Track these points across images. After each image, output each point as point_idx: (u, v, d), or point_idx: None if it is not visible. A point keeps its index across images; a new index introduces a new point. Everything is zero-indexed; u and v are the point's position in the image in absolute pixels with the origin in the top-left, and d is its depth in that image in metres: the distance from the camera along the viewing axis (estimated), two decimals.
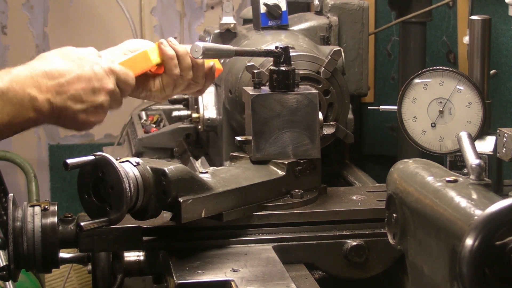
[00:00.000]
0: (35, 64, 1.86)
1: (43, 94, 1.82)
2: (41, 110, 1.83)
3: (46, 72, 1.84)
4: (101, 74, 1.89)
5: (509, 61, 2.58)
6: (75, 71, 1.86)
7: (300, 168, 2.01)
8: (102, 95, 1.89)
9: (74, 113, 1.87)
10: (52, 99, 1.83)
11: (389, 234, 1.64)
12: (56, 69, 1.85)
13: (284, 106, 1.98)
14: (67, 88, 1.85)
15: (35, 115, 1.82)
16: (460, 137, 1.65)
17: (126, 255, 1.94)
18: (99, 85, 1.88)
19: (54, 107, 1.84)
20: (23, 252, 1.81)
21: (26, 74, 1.82)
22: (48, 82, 1.83)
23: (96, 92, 1.88)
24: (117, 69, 1.94)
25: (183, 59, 2.02)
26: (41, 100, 1.82)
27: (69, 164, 1.70)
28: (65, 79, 1.85)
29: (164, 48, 2.00)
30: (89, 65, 1.88)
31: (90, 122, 1.91)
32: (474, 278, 1.26)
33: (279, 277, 1.71)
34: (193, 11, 4.28)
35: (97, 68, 1.89)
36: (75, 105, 1.86)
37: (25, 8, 4.19)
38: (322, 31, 2.58)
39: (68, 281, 3.96)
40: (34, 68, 1.84)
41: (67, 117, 1.87)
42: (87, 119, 1.89)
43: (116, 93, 1.92)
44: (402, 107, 2.06)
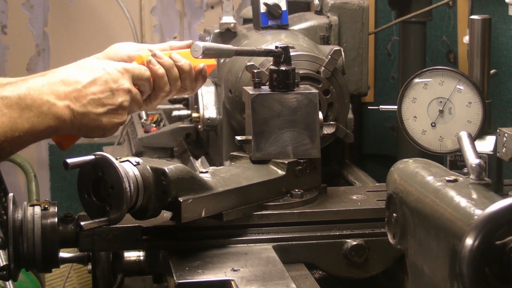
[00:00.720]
0: (51, 74, 1.87)
1: (61, 101, 1.82)
2: (62, 117, 1.83)
3: (62, 80, 1.85)
4: (116, 74, 1.89)
5: (509, 61, 2.58)
6: (90, 75, 1.87)
7: (300, 167, 2.01)
8: (121, 95, 1.89)
9: (97, 117, 1.87)
10: (72, 105, 1.83)
11: (389, 234, 1.64)
12: (72, 76, 1.86)
13: (284, 106, 1.98)
14: (85, 93, 1.85)
15: (56, 123, 1.82)
16: (460, 137, 1.65)
17: (126, 255, 1.94)
18: (116, 86, 1.88)
19: (75, 113, 1.84)
20: (23, 252, 1.81)
21: (43, 82, 1.83)
22: (66, 89, 1.84)
23: (115, 93, 1.88)
24: (131, 66, 1.94)
25: (171, 72, 2.02)
26: (60, 106, 1.82)
27: (69, 164, 1.70)
28: (81, 85, 1.85)
29: (153, 68, 1.99)
30: (102, 68, 1.89)
31: (114, 124, 1.90)
32: (474, 278, 1.26)
33: (279, 277, 1.71)
34: (193, 11, 4.28)
35: (110, 69, 1.89)
36: (96, 109, 1.86)
37: (25, 8, 4.19)
38: (322, 31, 2.58)
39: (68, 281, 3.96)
40: (50, 76, 1.85)
41: (90, 123, 1.87)
42: (110, 121, 1.89)
43: (134, 93, 1.93)
44: (402, 107, 2.06)
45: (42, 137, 1.84)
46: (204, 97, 2.65)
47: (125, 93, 1.90)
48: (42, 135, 1.83)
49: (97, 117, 1.86)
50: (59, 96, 1.83)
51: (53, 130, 1.84)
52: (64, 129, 1.86)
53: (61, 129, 1.85)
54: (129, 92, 1.91)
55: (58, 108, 1.82)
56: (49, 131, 1.84)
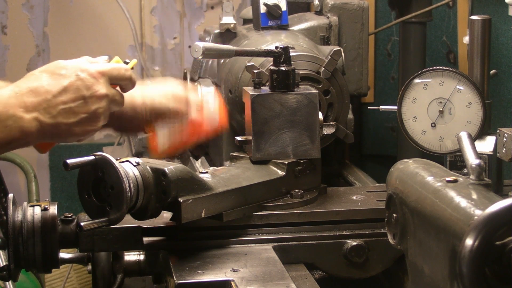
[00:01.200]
0: (21, 82, 1.80)
1: (29, 113, 1.76)
2: (29, 130, 1.77)
3: (31, 90, 1.78)
4: (89, 80, 1.82)
5: (509, 61, 2.58)
6: (61, 83, 1.80)
7: (300, 168, 2.01)
8: (95, 102, 1.82)
9: (68, 127, 1.81)
10: (41, 117, 1.77)
11: (389, 234, 1.64)
12: (41, 85, 1.79)
13: (284, 106, 1.98)
14: (55, 103, 1.78)
15: (21, 135, 1.76)
16: (460, 137, 1.65)
17: (126, 255, 1.94)
18: (89, 93, 1.81)
19: (43, 125, 1.78)
20: (23, 252, 1.81)
21: (10, 94, 1.77)
22: (34, 100, 1.77)
23: (88, 101, 1.81)
24: (107, 68, 1.87)
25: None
26: (27, 119, 1.76)
27: (69, 164, 1.70)
28: (51, 94, 1.79)
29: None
30: (75, 74, 1.82)
31: (88, 131, 1.84)
32: (474, 278, 1.26)
33: (279, 277, 1.71)
34: (193, 11, 4.28)
35: (83, 75, 1.82)
36: (67, 119, 1.80)
37: (25, 8, 4.18)
38: (322, 31, 2.58)
39: (68, 281, 3.95)
40: (19, 86, 1.79)
41: (61, 133, 1.81)
42: (83, 130, 1.83)
43: (112, 95, 1.86)
44: (402, 107, 2.06)
45: (9, 148, 1.80)
46: (204, 98, 2.64)
47: (99, 100, 1.82)
48: (8, 147, 1.79)
49: (68, 127, 1.80)
50: (27, 108, 1.76)
51: (19, 142, 1.79)
52: (32, 141, 1.81)
53: (29, 141, 1.81)
54: (105, 96, 1.83)
55: (24, 122, 1.76)
56: (16, 144, 1.78)
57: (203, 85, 2.67)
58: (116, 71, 1.88)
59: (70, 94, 1.80)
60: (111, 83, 1.86)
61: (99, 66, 1.87)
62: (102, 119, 1.85)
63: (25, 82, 1.81)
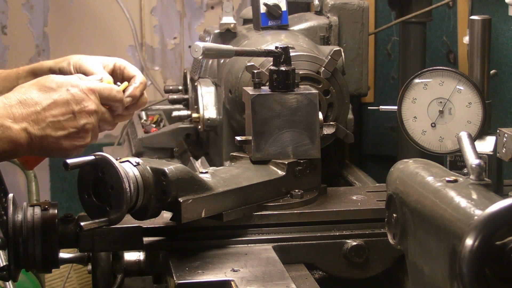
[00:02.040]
0: (10, 94, 1.81)
1: (18, 124, 1.77)
2: (18, 141, 1.78)
3: (21, 102, 1.79)
4: (80, 95, 1.83)
5: (509, 61, 2.58)
6: (52, 97, 1.81)
7: (300, 168, 2.01)
8: (84, 117, 1.83)
9: (56, 140, 1.81)
10: (30, 128, 1.78)
11: (389, 234, 1.64)
12: (31, 97, 1.80)
13: (284, 106, 1.98)
14: (45, 116, 1.80)
15: (11, 147, 1.77)
16: (460, 137, 1.65)
17: (126, 255, 1.94)
18: (78, 108, 1.83)
19: (32, 136, 1.78)
20: (23, 252, 1.81)
21: (0, 105, 1.78)
22: (23, 111, 1.78)
23: (77, 116, 1.83)
24: (99, 87, 1.88)
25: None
26: (16, 130, 1.77)
27: (69, 164, 1.70)
28: (41, 106, 1.80)
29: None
30: (66, 88, 1.83)
31: (76, 147, 1.86)
32: (474, 278, 1.26)
33: (279, 277, 1.71)
34: (193, 11, 4.28)
35: (74, 91, 1.83)
36: (55, 132, 1.81)
37: (25, 8, 4.19)
38: (322, 31, 2.58)
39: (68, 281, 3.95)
40: (9, 98, 1.80)
41: (49, 146, 1.82)
42: (71, 145, 1.84)
43: (102, 113, 1.88)
44: (402, 107, 2.06)
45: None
46: (204, 98, 2.65)
47: (88, 115, 1.84)
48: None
49: (56, 140, 1.81)
50: (16, 118, 1.77)
51: (8, 153, 1.79)
52: (21, 152, 1.82)
53: (19, 152, 1.81)
54: (95, 113, 1.85)
55: (13, 132, 1.76)
56: (5, 155, 1.79)
57: (203, 85, 2.67)
58: (107, 91, 1.90)
59: (59, 107, 1.81)
60: (101, 103, 1.88)
61: (90, 83, 1.88)
62: (90, 135, 1.87)
63: (14, 94, 1.82)
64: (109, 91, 1.89)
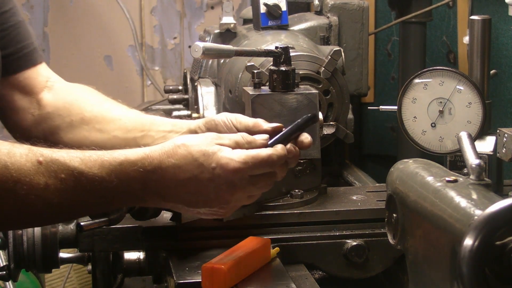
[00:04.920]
0: (151, 181, 1.62)
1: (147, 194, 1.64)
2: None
3: (161, 196, 1.65)
4: (226, 202, 1.67)
5: (509, 61, 2.58)
6: (197, 201, 1.66)
7: (300, 168, 2.01)
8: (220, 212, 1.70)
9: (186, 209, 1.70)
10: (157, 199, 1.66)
11: (389, 234, 1.64)
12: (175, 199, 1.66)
13: (284, 106, 1.98)
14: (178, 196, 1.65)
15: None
16: (460, 137, 1.65)
17: (126, 255, 1.94)
18: (219, 209, 1.69)
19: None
20: (23, 252, 1.81)
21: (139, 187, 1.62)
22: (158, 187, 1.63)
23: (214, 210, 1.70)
24: (250, 161, 1.64)
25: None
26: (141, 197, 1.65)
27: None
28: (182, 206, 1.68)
29: None
30: (215, 190, 1.64)
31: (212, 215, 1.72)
32: (474, 278, 1.26)
33: (279, 277, 1.71)
34: (193, 11, 4.28)
35: (223, 195, 1.65)
36: (187, 207, 1.69)
37: (25, 8, 4.18)
38: (322, 31, 2.58)
39: (68, 281, 3.95)
40: (149, 186, 1.63)
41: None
42: (205, 214, 1.71)
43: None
44: (402, 107, 2.06)
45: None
46: (204, 98, 2.65)
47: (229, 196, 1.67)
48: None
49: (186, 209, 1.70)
50: (146, 190, 1.63)
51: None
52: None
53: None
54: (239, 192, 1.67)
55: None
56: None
57: (203, 85, 2.67)
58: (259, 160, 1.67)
59: (202, 206, 1.67)
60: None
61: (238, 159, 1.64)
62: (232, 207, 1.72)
63: (155, 184, 1.63)
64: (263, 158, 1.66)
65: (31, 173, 1.54)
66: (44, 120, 2.05)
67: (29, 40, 2.05)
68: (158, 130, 1.96)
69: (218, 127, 1.84)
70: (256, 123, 1.81)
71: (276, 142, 1.73)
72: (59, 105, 2.05)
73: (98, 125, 2.00)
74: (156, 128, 1.97)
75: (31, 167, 1.54)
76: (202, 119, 1.94)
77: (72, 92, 2.09)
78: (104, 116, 2.01)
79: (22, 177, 1.53)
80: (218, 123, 1.84)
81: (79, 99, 2.06)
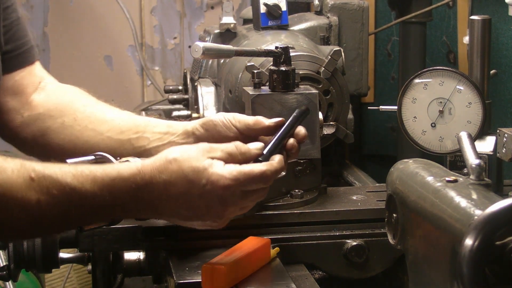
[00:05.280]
0: (143, 196, 1.62)
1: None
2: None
3: (154, 210, 1.66)
4: (219, 217, 1.68)
5: (509, 61, 2.58)
6: (190, 216, 1.67)
7: (300, 168, 2.01)
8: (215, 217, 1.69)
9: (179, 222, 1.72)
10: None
11: (389, 234, 1.64)
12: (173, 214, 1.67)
13: (284, 106, 1.97)
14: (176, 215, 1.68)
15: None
16: (460, 137, 1.65)
17: (126, 255, 1.94)
18: (212, 222, 1.69)
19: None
20: (23, 252, 1.81)
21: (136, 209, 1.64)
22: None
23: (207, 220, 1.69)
24: (241, 178, 1.63)
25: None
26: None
27: (69, 164, 1.70)
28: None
29: None
30: (206, 206, 1.65)
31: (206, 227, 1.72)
32: (474, 278, 1.26)
33: (279, 277, 1.71)
34: (193, 11, 4.28)
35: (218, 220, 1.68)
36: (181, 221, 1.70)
37: (25, 8, 4.18)
38: (322, 31, 2.58)
39: (68, 281, 3.95)
40: (141, 201, 1.63)
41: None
42: (199, 225, 1.71)
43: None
44: (402, 107, 2.06)
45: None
46: (204, 98, 2.65)
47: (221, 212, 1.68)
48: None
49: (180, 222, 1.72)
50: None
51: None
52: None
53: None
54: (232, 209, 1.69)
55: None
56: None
57: (203, 85, 2.67)
58: (251, 179, 1.66)
59: (193, 217, 1.68)
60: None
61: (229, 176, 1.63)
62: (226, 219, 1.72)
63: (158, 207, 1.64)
64: (256, 176, 1.65)
65: (23, 189, 1.54)
66: (33, 122, 2.01)
67: (28, 37, 2.03)
68: (153, 131, 1.95)
69: (217, 127, 1.84)
70: (257, 120, 1.81)
71: (271, 148, 1.72)
72: (50, 106, 2.02)
73: (91, 125, 1.97)
74: (151, 129, 1.95)
75: (23, 183, 1.54)
76: (198, 120, 1.93)
77: (64, 94, 2.06)
78: (97, 117, 1.99)
79: (14, 193, 1.53)
80: (216, 123, 1.84)
81: (72, 100, 2.03)
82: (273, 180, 1.71)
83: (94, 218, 1.64)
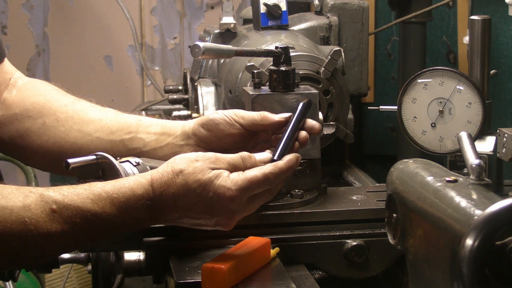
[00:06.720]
0: (156, 209, 1.67)
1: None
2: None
3: (166, 220, 1.71)
4: (227, 225, 1.71)
5: (509, 61, 2.58)
6: (199, 224, 1.71)
7: (300, 168, 2.01)
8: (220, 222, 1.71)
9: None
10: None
11: (389, 234, 1.64)
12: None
13: (284, 106, 1.98)
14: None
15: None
16: (460, 137, 1.65)
17: (126, 255, 1.94)
18: (222, 227, 1.72)
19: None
20: None
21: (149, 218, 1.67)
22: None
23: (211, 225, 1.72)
24: (244, 185, 1.66)
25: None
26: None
27: (70, 164, 1.70)
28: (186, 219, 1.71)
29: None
30: (214, 216, 1.69)
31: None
32: (474, 278, 1.26)
33: (279, 277, 1.71)
34: (193, 11, 4.28)
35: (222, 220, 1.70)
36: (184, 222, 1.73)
37: (25, 8, 4.19)
38: (322, 31, 2.58)
39: (68, 281, 3.96)
40: (155, 214, 1.67)
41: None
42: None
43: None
44: (402, 107, 2.06)
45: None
46: (204, 98, 2.65)
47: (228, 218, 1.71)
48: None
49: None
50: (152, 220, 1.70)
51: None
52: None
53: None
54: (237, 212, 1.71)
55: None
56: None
57: (203, 85, 2.67)
58: (255, 183, 1.68)
59: (203, 225, 1.71)
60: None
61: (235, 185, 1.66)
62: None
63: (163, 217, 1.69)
64: (259, 180, 1.67)
65: (47, 223, 1.58)
66: (10, 122, 1.96)
67: None
68: (147, 132, 1.93)
69: (219, 126, 1.84)
70: (264, 116, 1.81)
71: (281, 151, 1.75)
72: (27, 106, 1.96)
73: (76, 126, 1.94)
74: (144, 129, 1.93)
75: (46, 217, 1.58)
76: (195, 119, 1.91)
77: (38, 92, 1.99)
78: (81, 117, 1.95)
79: (39, 230, 1.57)
80: (218, 122, 1.84)
81: (48, 99, 1.97)
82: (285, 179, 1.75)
83: (112, 235, 1.69)
